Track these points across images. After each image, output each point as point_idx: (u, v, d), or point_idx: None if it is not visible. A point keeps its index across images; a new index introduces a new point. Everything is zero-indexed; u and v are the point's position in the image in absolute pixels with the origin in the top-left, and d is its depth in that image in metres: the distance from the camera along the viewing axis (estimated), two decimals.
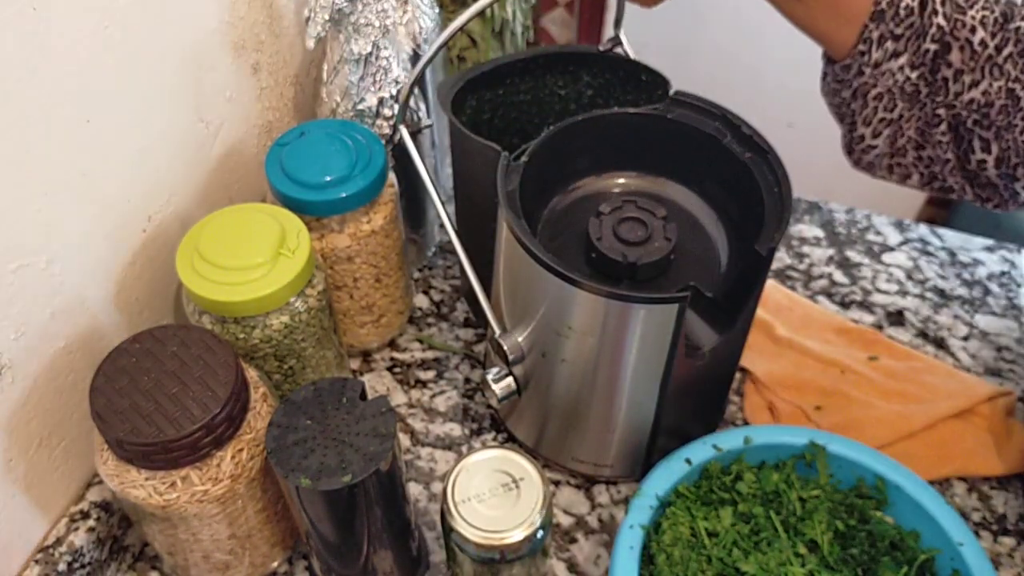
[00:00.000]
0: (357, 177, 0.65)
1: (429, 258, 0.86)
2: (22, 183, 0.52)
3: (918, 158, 0.63)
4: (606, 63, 0.69)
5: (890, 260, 0.87)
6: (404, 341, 0.79)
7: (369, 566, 0.58)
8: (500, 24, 0.88)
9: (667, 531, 0.57)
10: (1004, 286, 0.85)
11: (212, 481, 0.53)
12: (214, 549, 0.58)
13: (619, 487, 0.70)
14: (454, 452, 0.72)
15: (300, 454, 0.51)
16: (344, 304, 0.72)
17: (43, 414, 0.58)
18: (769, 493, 0.61)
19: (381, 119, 0.71)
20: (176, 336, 0.55)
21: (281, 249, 0.59)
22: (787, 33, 0.61)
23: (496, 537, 0.51)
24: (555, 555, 0.66)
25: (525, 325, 0.61)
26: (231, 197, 0.73)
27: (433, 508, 0.68)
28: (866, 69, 0.60)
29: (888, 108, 0.61)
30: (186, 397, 0.52)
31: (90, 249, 0.59)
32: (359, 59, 0.68)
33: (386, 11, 0.67)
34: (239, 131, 0.73)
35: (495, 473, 0.54)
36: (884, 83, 0.60)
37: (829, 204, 0.93)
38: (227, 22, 0.67)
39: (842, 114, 0.65)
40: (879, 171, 0.67)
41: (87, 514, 0.62)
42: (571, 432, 0.65)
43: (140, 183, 0.62)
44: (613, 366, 0.59)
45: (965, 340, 0.81)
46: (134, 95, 0.59)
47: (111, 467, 0.54)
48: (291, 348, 0.62)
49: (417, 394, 0.76)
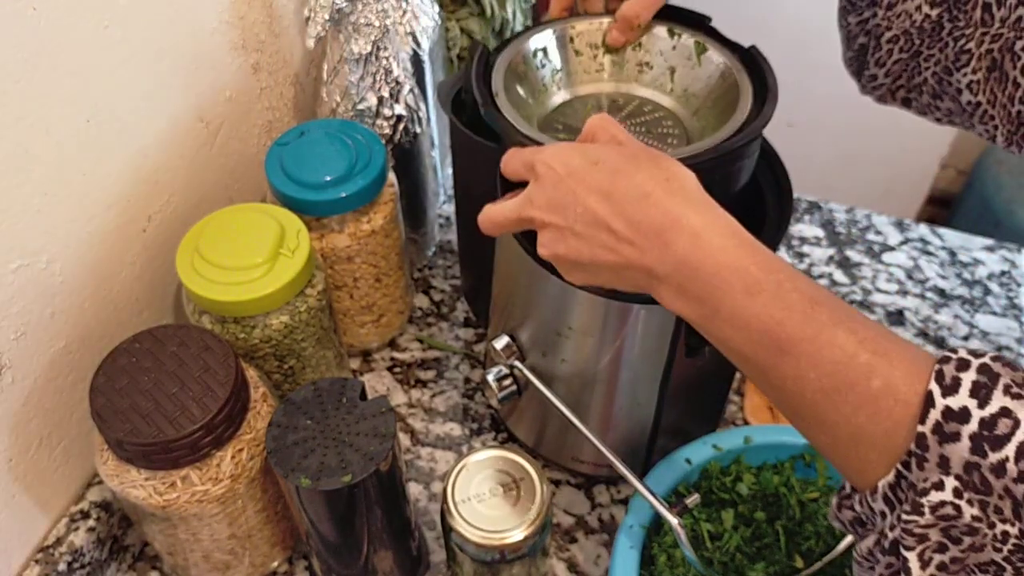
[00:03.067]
0: (357, 177, 0.65)
1: (429, 258, 0.86)
2: (22, 183, 0.52)
3: (935, 106, 0.61)
4: None
5: (890, 260, 0.87)
6: (404, 341, 0.79)
7: (369, 566, 0.58)
8: (500, 24, 0.88)
9: (668, 531, 0.57)
10: (1004, 286, 0.85)
11: (212, 481, 0.53)
12: (214, 549, 0.58)
13: (619, 487, 0.70)
14: (454, 452, 0.72)
15: (300, 454, 0.51)
16: (344, 304, 0.72)
17: (43, 414, 0.58)
18: (769, 496, 0.61)
19: (381, 119, 0.71)
20: (176, 336, 0.55)
21: (281, 249, 0.59)
22: (787, 32, 0.61)
23: (496, 537, 0.51)
24: (555, 555, 0.66)
25: (525, 325, 0.61)
26: (231, 197, 0.73)
27: (433, 508, 0.68)
28: (879, 11, 0.57)
29: (904, 49, 0.58)
30: (186, 397, 0.52)
31: (90, 249, 0.59)
32: (359, 59, 0.68)
33: (386, 11, 0.67)
34: (239, 131, 0.72)
35: (495, 473, 0.54)
36: (900, 25, 0.57)
37: (829, 204, 0.93)
38: (227, 22, 0.67)
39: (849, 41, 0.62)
40: (891, 102, 0.64)
41: (87, 514, 0.62)
42: (571, 432, 0.65)
43: (140, 183, 0.62)
44: (613, 366, 0.58)
45: (965, 340, 0.81)
46: (134, 95, 0.59)
47: (111, 467, 0.54)
48: (291, 348, 0.62)
49: (417, 394, 0.76)
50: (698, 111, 0.58)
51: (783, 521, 0.59)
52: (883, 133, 1.52)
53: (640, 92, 0.60)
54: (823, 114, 1.62)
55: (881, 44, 0.59)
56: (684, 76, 0.59)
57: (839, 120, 1.56)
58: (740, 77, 0.55)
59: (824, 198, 0.94)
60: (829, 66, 1.20)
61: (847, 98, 0.72)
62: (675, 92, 0.59)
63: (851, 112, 1.54)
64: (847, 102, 1.41)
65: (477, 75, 0.56)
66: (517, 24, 0.90)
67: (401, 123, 0.72)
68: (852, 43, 0.62)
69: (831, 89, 0.63)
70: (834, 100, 1.25)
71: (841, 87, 0.74)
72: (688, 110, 0.58)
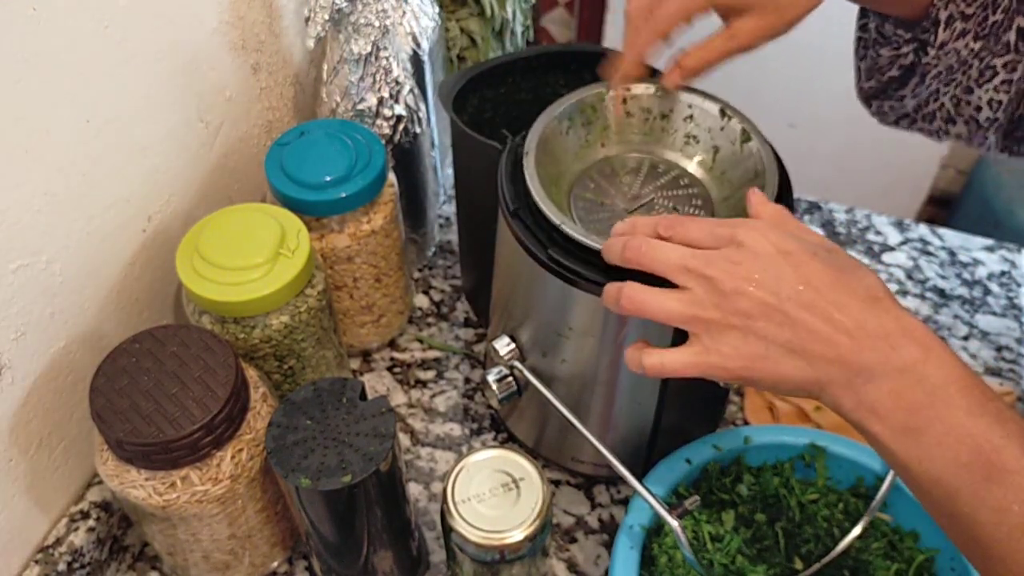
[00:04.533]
0: (357, 177, 0.65)
1: (429, 258, 0.86)
2: (22, 183, 0.52)
3: (944, 131, 0.61)
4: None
5: (890, 260, 0.87)
6: (404, 341, 0.79)
7: (369, 566, 0.58)
8: (500, 24, 0.88)
9: (669, 532, 0.57)
10: (1004, 286, 0.85)
11: (212, 481, 0.53)
12: (214, 549, 0.58)
13: (619, 487, 0.70)
14: (454, 452, 0.72)
15: (300, 454, 0.51)
16: (344, 304, 0.72)
17: (43, 414, 0.58)
18: (769, 497, 0.61)
19: (381, 119, 0.71)
20: (176, 336, 0.55)
21: (281, 249, 0.59)
22: (788, 34, 0.61)
23: (496, 537, 0.51)
24: (555, 555, 0.66)
25: (525, 325, 0.61)
26: (231, 197, 0.73)
27: (433, 508, 0.68)
28: (930, 50, 0.57)
29: (943, 80, 0.58)
30: (186, 397, 0.52)
31: (90, 249, 0.59)
32: (359, 59, 0.68)
33: (386, 11, 0.67)
34: (239, 131, 0.72)
35: (495, 473, 0.54)
36: (946, 61, 0.57)
37: (829, 204, 0.93)
38: (227, 22, 0.67)
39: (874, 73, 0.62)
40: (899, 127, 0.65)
41: (87, 514, 0.62)
42: (571, 432, 0.65)
43: (140, 183, 0.62)
44: (613, 367, 0.58)
45: (965, 340, 0.81)
46: (134, 95, 0.59)
47: (111, 467, 0.54)
48: (291, 348, 0.62)
49: (417, 394, 0.76)
50: (728, 198, 0.58)
51: (783, 523, 0.59)
52: (883, 133, 1.52)
53: (683, 163, 0.61)
54: (823, 114, 1.62)
55: (925, 80, 0.59)
56: (725, 159, 0.59)
57: (839, 120, 1.56)
58: (770, 173, 0.56)
59: (824, 198, 0.94)
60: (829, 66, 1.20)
61: (847, 98, 0.72)
62: (714, 172, 0.60)
63: (851, 112, 1.54)
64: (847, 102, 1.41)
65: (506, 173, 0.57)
66: (517, 24, 0.90)
67: (401, 123, 0.72)
68: (879, 75, 0.62)
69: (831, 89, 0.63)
70: (834, 100, 1.25)
71: (841, 87, 0.74)
72: (720, 193, 0.59)
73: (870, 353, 0.40)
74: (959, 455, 0.38)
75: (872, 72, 0.62)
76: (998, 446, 0.37)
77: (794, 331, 0.41)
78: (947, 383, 0.39)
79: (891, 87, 0.62)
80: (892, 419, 0.40)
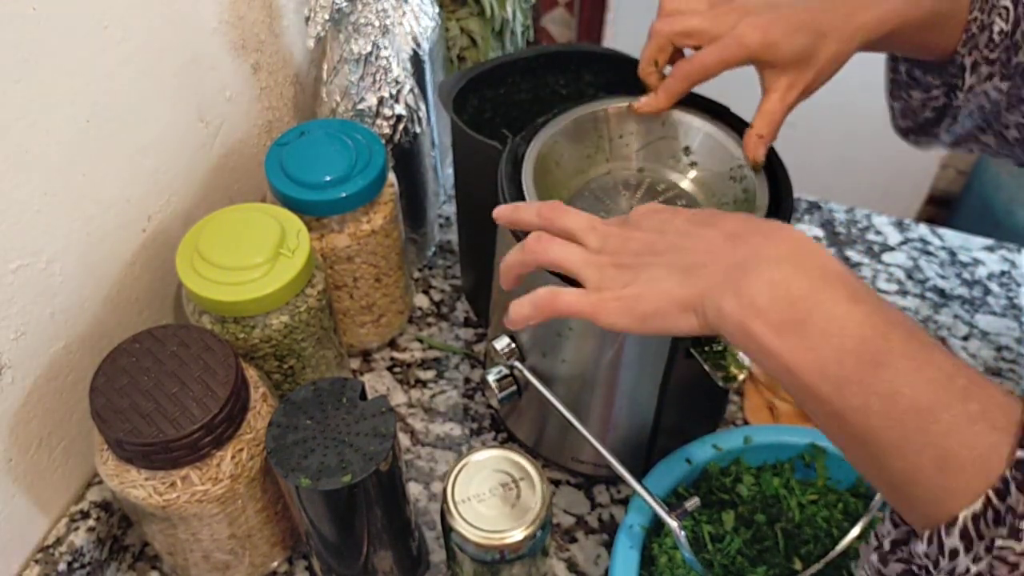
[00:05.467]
0: (357, 177, 0.65)
1: (429, 258, 0.86)
2: (22, 183, 0.52)
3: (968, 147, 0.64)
4: (608, 62, 0.69)
5: (890, 260, 0.87)
6: (404, 341, 0.79)
7: (369, 566, 0.58)
8: (500, 24, 0.88)
9: (669, 532, 0.57)
10: (1004, 286, 0.85)
11: (212, 481, 0.53)
12: (214, 549, 0.58)
13: (619, 487, 0.70)
14: (454, 452, 0.72)
15: (300, 454, 0.51)
16: (344, 304, 0.72)
17: (43, 414, 0.58)
18: (769, 497, 0.61)
19: (381, 119, 0.71)
20: (176, 336, 0.55)
21: (281, 249, 0.59)
22: None
23: (496, 537, 0.51)
24: (555, 555, 0.66)
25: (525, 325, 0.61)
26: (231, 197, 0.73)
27: (433, 508, 0.68)
28: (959, 93, 0.59)
29: (975, 118, 0.61)
30: (186, 397, 0.52)
31: (90, 249, 0.59)
32: (359, 59, 0.68)
33: (386, 11, 0.67)
34: (239, 131, 0.72)
35: (495, 473, 0.54)
36: (976, 102, 0.59)
37: (829, 204, 0.93)
38: (227, 22, 0.67)
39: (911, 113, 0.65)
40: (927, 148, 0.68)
41: (87, 514, 0.62)
42: (571, 432, 0.65)
43: (140, 183, 0.62)
44: (613, 367, 0.58)
45: (965, 340, 0.81)
46: (134, 95, 0.59)
47: (111, 467, 0.54)
48: (291, 348, 0.62)
49: (417, 394, 0.76)
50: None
51: (783, 523, 0.59)
52: (883, 133, 1.52)
53: (683, 184, 0.62)
54: (823, 115, 1.62)
55: (958, 119, 0.61)
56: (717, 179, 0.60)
57: (839, 120, 1.56)
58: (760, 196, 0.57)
59: (824, 198, 0.94)
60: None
61: (847, 99, 0.72)
62: (714, 196, 0.61)
63: (851, 112, 1.54)
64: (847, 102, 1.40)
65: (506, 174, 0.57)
66: (517, 24, 0.90)
67: (401, 123, 0.72)
68: (913, 116, 0.64)
69: (831, 89, 0.63)
70: (834, 100, 1.25)
71: (841, 87, 0.74)
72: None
73: (745, 248, 0.41)
74: (844, 342, 0.36)
75: (907, 112, 0.65)
76: (883, 332, 0.36)
77: (677, 254, 0.43)
78: (825, 272, 0.39)
79: (927, 126, 0.65)
80: (773, 312, 0.38)
